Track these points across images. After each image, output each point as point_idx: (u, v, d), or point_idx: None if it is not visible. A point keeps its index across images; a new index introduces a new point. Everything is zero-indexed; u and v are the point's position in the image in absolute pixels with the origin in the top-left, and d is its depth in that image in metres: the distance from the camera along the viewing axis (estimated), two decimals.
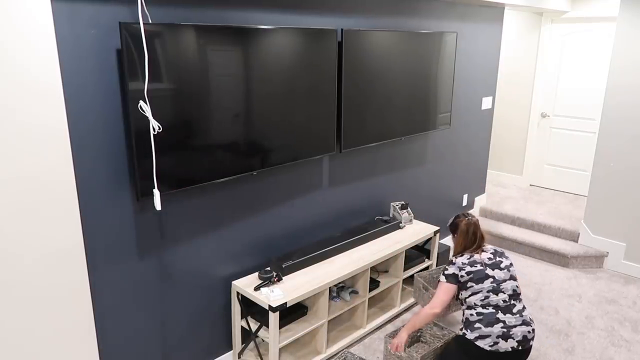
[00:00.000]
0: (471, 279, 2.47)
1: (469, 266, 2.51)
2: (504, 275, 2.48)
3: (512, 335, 2.33)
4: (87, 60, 2.02)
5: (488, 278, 2.46)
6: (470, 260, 2.53)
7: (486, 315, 2.37)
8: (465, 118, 4.53)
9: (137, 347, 2.50)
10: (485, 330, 2.34)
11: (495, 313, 2.37)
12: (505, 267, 2.52)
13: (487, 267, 2.50)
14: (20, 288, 1.76)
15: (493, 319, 2.36)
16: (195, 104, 2.29)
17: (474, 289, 2.46)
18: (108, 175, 2.18)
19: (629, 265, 4.26)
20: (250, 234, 2.89)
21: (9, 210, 1.68)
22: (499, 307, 2.40)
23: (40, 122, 1.69)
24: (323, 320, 2.93)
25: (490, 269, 2.49)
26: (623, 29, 3.99)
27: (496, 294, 2.42)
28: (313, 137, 2.94)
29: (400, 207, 3.73)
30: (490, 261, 2.53)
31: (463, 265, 2.53)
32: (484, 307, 2.40)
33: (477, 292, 2.45)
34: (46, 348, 1.87)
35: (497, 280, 2.46)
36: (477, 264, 2.51)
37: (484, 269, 2.49)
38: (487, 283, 2.44)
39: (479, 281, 2.46)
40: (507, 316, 2.38)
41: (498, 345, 2.31)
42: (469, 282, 2.48)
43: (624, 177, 4.17)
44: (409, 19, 3.59)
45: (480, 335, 2.34)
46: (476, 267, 2.50)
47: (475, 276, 2.47)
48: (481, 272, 2.48)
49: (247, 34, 2.43)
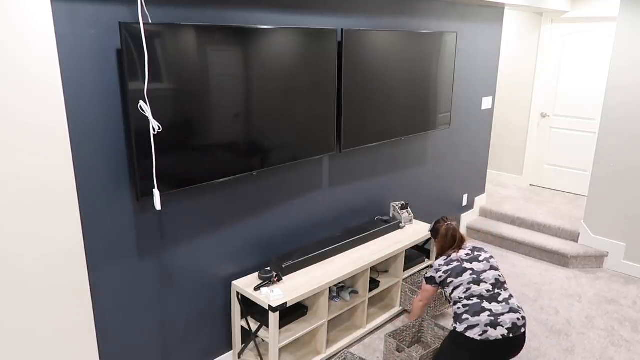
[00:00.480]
0: (449, 275, 2.57)
1: (445, 265, 2.62)
2: (483, 267, 2.56)
3: (500, 323, 2.34)
4: (87, 60, 2.02)
5: (466, 271, 2.53)
6: (446, 260, 2.65)
7: (471, 306, 2.41)
8: (465, 118, 4.53)
9: (137, 347, 2.50)
10: (472, 320, 2.36)
11: (480, 303, 2.41)
12: (484, 259, 2.60)
13: (464, 262, 2.59)
14: (20, 288, 1.76)
15: (479, 309, 2.39)
16: (195, 104, 2.29)
17: (454, 283, 2.53)
18: (108, 175, 2.19)
19: (629, 265, 4.26)
20: (250, 234, 2.89)
21: (9, 210, 1.68)
22: (482, 296, 2.44)
23: (40, 122, 1.69)
24: (323, 320, 2.93)
25: (468, 263, 2.58)
26: (623, 29, 3.99)
27: (477, 284, 2.48)
28: (313, 137, 2.94)
29: (400, 207, 3.73)
30: (467, 256, 2.62)
31: (439, 267, 2.64)
32: (468, 299, 2.45)
33: (458, 286, 2.52)
34: (46, 348, 1.87)
35: (476, 271, 2.53)
36: (453, 262, 2.61)
37: (461, 264, 2.58)
38: (466, 275, 2.52)
39: (457, 275, 2.54)
40: (493, 305, 2.40)
41: (487, 333, 2.32)
42: (447, 279, 2.57)
43: (624, 177, 4.17)
44: (409, 19, 3.59)
45: (469, 325, 2.36)
46: (452, 264, 2.60)
47: (453, 272, 2.56)
48: (458, 267, 2.57)
49: (247, 34, 2.43)
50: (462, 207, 4.88)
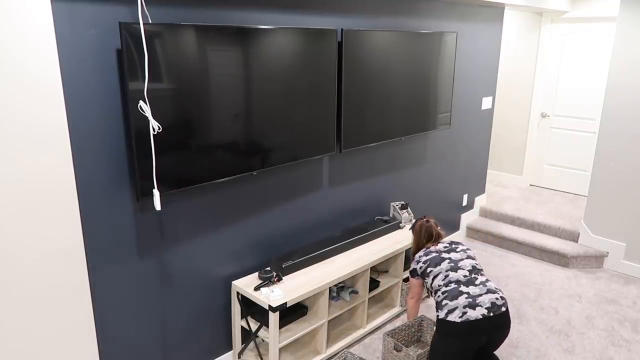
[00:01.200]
0: (428, 265, 2.67)
1: (425, 256, 2.73)
2: (460, 256, 2.66)
3: (479, 303, 2.37)
4: (87, 60, 2.02)
5: (444, 260, 2.64)
6: (425, 251, 2.77)
7: (450, 291, 2.47)
8: (465, 118, 4.53)
9: (137, 347, 2.50)
10: (451, 304, 2.41)
11: (457, 287, 2.47)
12: (462, 250, 2.71)
13: (442, 252, 2.70)
14: (20, 288, 1.76)
15: (456, 292, 2.45)
16: (195, 104, 2.29)
17: (433, 272, 2.62)
18: (108, 175, 2.19)
19: (629, 265, 4.26)
20: (250, 234, 2.89)
21: (9, 211, 1.68)
22: (460, 281, 2.50)
23: (40, 122, 1.69)
24: (323, 320, 2.93)
25: (446, 253, 2.69)
26: (623, 29, 3.98)
27: (455, 271, 2.56)
28: (313, 137, 2.94)
29: (400, 207, 3.73)
30: (445, 248, 2.74)
31: (419, 258, 2.76)
32: (447, 285, 2.51)
33: (437, 274, 2.60)
34: (46, 348, 1.87)
35: (454, 260, 2.63)
36: (432, 253, 2.72)
37: (439, 254, 2.69)
38: (445, 264, 2.62)
39: (436, 265, 2.64)
40: (470, 287, 2.47)
41: (467, 315, 2.33)
42: (427, 268, 2.67)
43: (624, 177, 4.17)
44: (409, 19, 3.59)
45: (449, 310, 2.39)
46: (431, 254, 2.71)
47: (432, 262, 2.66)
48: (437, 257, 2.68)
49: (247, 34, 2.43)
50: (462, 207, 4.88)
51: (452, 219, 4.77)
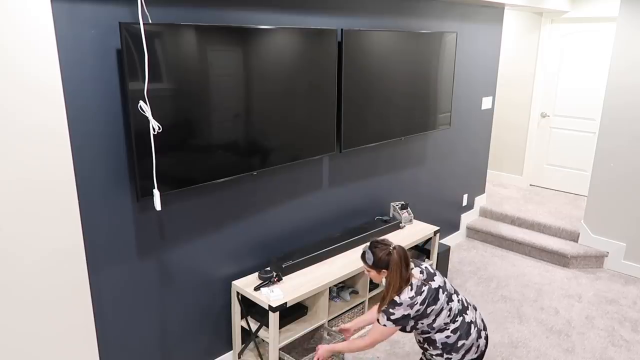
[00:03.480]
0: (428, 304, 2.13)
1: (418, 296, 2.11)
2: (441, 279, 2.23)
3: (479, 328, 2.25)
4: (87, 60, 2.02)
5: (438, 291, 2.16)
6: (414, 289, 2.13)
7: (460, 328, 2.17)
8: (465, 118, 4.53)
9: (137, 347, 2.50)
10: (468, 343, 2.17)
11: (463, 319, 2.19)
12: (434, 269, 2.26)
13: (428, 282, 2.16)
14: (20, 288, 1.76)
15: (466, 327, 2.18)
16: (195, 104, 2.29)
17: (435, 310, 2.14)
18: (108, 175, 2.18)
19: (629, 265, 4.26)
20: (250, 234, 2.89)
21: (9, 211, 1.68)
22: (460, 311, 2.20)
23: (40, 122, 1.69)
24: (323, 320, 2.93)
25: (432, 281, 2.18)
26: (623, 29, 3.98)
27: (452, 300, 2.21)
28: (313, 137, 2.94)
29: (400, 207, 3.73)
30: (424, 274, 2.19)
31: (412, 300, 2.11)
32: (453, 322, 2.17)
33: (439, 311, 2.15)
34: (46, 348, 1.87)
35: (443, 287, 2.20)
36: (422, 288, 2.13)
37: (429, 286, 2.15)
38: (441, 296, 2.17)
39: (435, 300, 2.14)
40: (469, 313, 2.23)
41: (480, 347, 2.22)
42: (427, 309, 2.13)
43: (624, 177, 4.17)
44: (409, 19, 3.58)
45: (466, 350, 2.17)
46: (423, 290, 2.13)
47: (429, 298, 2.13)
48: (430, 290, 2.14)
49: (247, 34, 2.43)
50: (462, 207, 4.88)
51: (452, 219, 4.77)
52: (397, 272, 2.12)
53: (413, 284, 2.13)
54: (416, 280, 2.15)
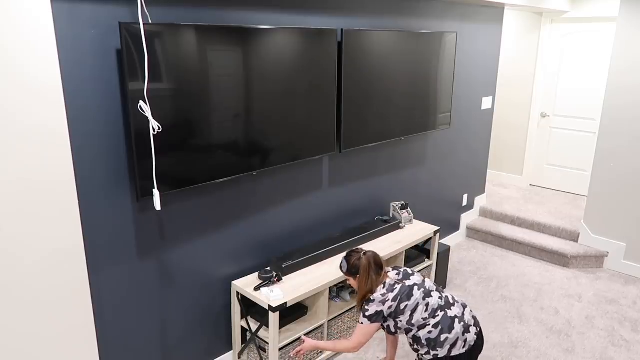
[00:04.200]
0: (400, 300, 2.22)
1: (390, 292, 2.24)
2: (420, 278, 2.32)
3: (468, 323, 2.25)
4: (87, 60, 2.02)
5: (413, 287, 2.25)
6: (386, 288, 2.26)
7: (441, 322, 2.20)
8: (465, 118, 4.53)
9: (137, 347, 2.50)
10: (451, 337, 2.19)
11: (445, 314, 2.22)
12: (413, 272, 2.36)
13: (402, 281, 2.28)
14: (20, 288, 1.76)
15: (449, 320, 2.21)
16: (195, 104, 2.29)
17: (409, 306, 2.21)
18: (108, 175, 2.19)
19: (629, 265, 4.26)
20: (250, 234, 2.89)
21: (9, 211, 1.68)
22: (442, 306, 2.24)
23: (40, 122, 1.69)
24: (323, 320, 2.93)
25: (407, 280, 2.29)
26: (623, 29, 3.98)
27: (429, 296, 2.26)
28: (313, 137, 2.94)
29: (400, 207, 3.73)
30: (399, 275, 2.32)
31: (384, 297, 2.23)
32: (433, 317, 2.21)
33: (414, 307, 2.22)
34: (46, 348, 1.87)
35: (419, 284, 2.28)
36: (395, 285, 2.25)
37: (403, 284, 2.26)
38: (417, 292, 2.24)
39: (409, 296, 2.22)
40: (453, 309, 2.25)
41: (468, 341, 2.22)
42: (400, 304, 2.22)
43: (624, 177, 4.17)
44: (409, 19, 3.59)
45: (451, 345, 2.19)
46: (396, 288, 2.24)
47: (403, 294, 2.23)
48: (403, 287, 2.24)
49: (247, 34, 2.43)
50: (462, 207, 4.88)
51: (452, 219, 4.77)
52: (365, 275, 2.29)
53: (386, 282, 2.28)
54: (390, 279, 2.30)
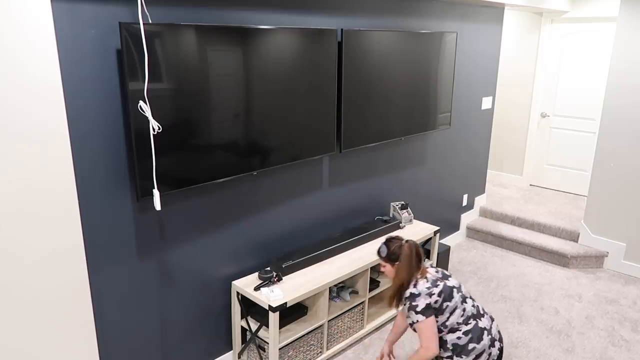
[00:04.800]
0: (444, 299, 2.19)
1: (435, 287, 2.19)
2: (456, 281, 2.29)
3: (494, 337, 2.24)
4: (87, 60, 2.02)
5: (452, 289, 2.22)
6: (430, 282, 2.21)
7: (473, 331, 2.19)
8: (465, 118, 4.53)
9: (137, 347, 2.50)
10: (479, 347, 2.18)
11: (477, 323, 2.21)
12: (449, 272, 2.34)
13: (443, 280, 2.25)
14: (20, 288, 1.76)
15: (479, 331, 2.20)
16: (195, 104, 2.29)
17: (449, 308, 2.20)
18: (108, 175, 2.18)
19: (629, 265, 4.26)
20: (250, 234, 2.89)
21: (9, 211, 1.68)
22: (474, 315, 2.23)
23: (40, 122, 1.69)
24: (323, 320, 2.93)
25: (447, 280, 2.25)
26: (623, 29, 3.98)
27: (465, 302, 2.25)
28: (313, 137, 2.94)
29: (400, 207, 3.73)
30: (439, 273, 2.29)
31: (429, 290, 2.18)
32: (466, 323, 2.20)
33: (453, 309, 2.20)
34: (46, 348, 1.87)
35: (457, 288, 2.26)
36: (437, 282, 2.22)
37: (445, 283, 2.23)
38: (456, 295, 2.22)
39: (449, 297, 2.20)
40: (484, 320, 2.24)
41: (492, 355, 2.22)
42: (442, 303, 2.19)
43: (624, 177, 4.17)
44: (409, 19, 3.59)
45: (477, 355, 2.18)
46: (439, 285, 2.21)
47: (445, 293, 2.20)
48: (445, 287, 2.21)
49: (247, 34, 2.43)
50: (462, 207, 4.88)
51: (452, 219, 4.77)
52: (407, 263, 2.22)
53: (428, 277, 2.23)
54: (430, 275, 2.25)
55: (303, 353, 2.91)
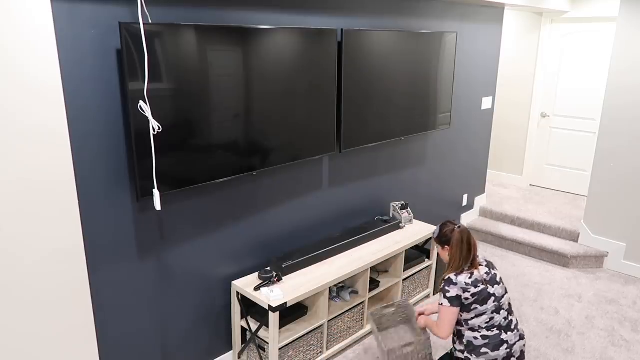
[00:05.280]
0: (476, 300, 2.25)
1: (473, 287, 2.25)
2: (502, 291, 2.33)
3: (513, 353, 2.27)
4: (87, 60, 2.02)
5: (490, 297, 2.27)
6: (472, 280, 2.26)
7: (492, 338, 2.25)
8: (465, 118, 4.53)
9: (137, 347, 2.50)
10: (492, 355, 2.23)
11: (499, 334, 2.26)
12: (500, 280, 2.37)
13: (487, 284, 2.29)
14: (20, 288, 1.76)
15: (498, 341, 2.25)
16: (195, 104, 2.29)
17: (477, 310, 2.25)
18: (108, 175, 2.18)
19: (629, 265, 4.26)
20: (250, 234, 2.89)
21: (9, 211, 1.68)
22: (502, 327, 2.27)
23: (40, 122, 1.69)
24: (323, 320, 2.93)
25: (491, 286, 2.29)
26: (623, 29, 3.98)
27: (498, 312, 2.28)
28: (313, 137, 2.94)
29: (400, 207, 3.73)
30: (488, 276, 2.32)
31: (467, 287, 2.25)
32: (489, 330, 2.25)
33: (481, 314, 2.26)
34: (46, 348, 1.87)
35: (497, 297, 2.30)
36: (479, 284, 2.26)
37: (486, 288, 2.28)
38: (490, 303, 2.27)
39: (482, 302, 2.25)
40: (509, 335, 2.28)
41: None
42: (473, 304, 2.25)
43: (624, 177, 4.17)
44: (409, 19, 3.59)
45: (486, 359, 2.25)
46: (479, 287, 2.26)
47: (480, 297, 2.25)
48: (484, 291, 2.26)
49: (247, 34, 2.43)
50: (462, 207, 4.88)
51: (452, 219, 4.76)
52: (457, 249, 2.29)
53: (475, 274, 2.27)
54: (478, 274, 2.28)
55: (303, 353, 2.91)
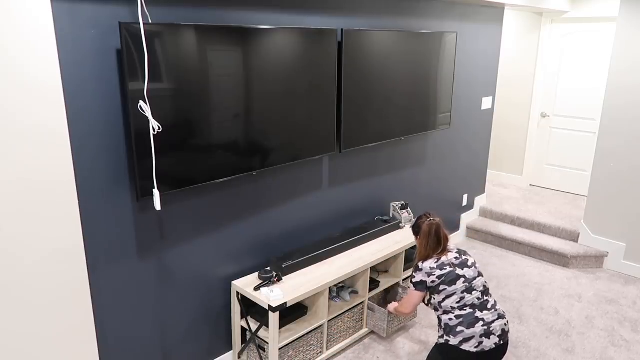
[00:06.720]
0: (443, 282, 2.38)
1: (439, 270, 2.40)
2: (473, 273, 2.42)
3: (492, 331, 2.31)
4: (87, 60, 2.02)
5: (459, 278, 2.38)
6: (438, 264, 2.42)
7: (465, 317, 2.32)
8: (465, 118, 4.53)
9: (137, 347, 2.50)
10: (468, 332, 2.29)
11: (473, 312, 2.33)
12: (472, 264, 2.46)
13: (456, 267, 2.41)
14: (20, 288, 1.76)
15: (473, 319, 2.31)
16: (195, 104, 2.29)
17: (447, 291, 2.37)
18: (108, 175, 2.19)
19: (629, 265, 4.26)
20: (250, 234, 2.89)
21: (9, 211, 1.68)
22: (475, 305, 2.35)
23: (40, 122, 1.69)
24: (323, 320, 2.93)
25: (460, 269, 2.41)
26: (623, 29, 3.99)
27: (470, 292, 2.37)
28: (313, 137, 2.94)
29: (400, 207, 3.73)
30: (457, 261, 2.44)
31: (432, 270, 2.41)
32: (461, 309, 2.34)
33: (451, 294, 2.36)
34: (46, 348, 1.87)
35: (468, 279, 2.39)
36: (446, 266, 2.40)
37: (454, 270, 2.40)
38: (460, 283, 2.37)
39: (451, 283, 2.37)
40: (485, 313, 2.34)
41: (483, 344, 2.29)
42: (440, 285, 2.38)
43: (624, 177, 4.17)
44: (409, 19, 3.59)
45: (464, 338, 2.29)
46: (446, 269, 2.40)
47: (447, 278, 2.38)
48: (452, 273, 2.39)
49: (247, 34, 2.43)
50: (462, 207, 4.88)
51: (452, 219, 4.77)
52: (425, 239, 2.49)
53: (442, 259, 2.43)
54: (446, 258, 2.43)
55: (303, 353, 2.91)
